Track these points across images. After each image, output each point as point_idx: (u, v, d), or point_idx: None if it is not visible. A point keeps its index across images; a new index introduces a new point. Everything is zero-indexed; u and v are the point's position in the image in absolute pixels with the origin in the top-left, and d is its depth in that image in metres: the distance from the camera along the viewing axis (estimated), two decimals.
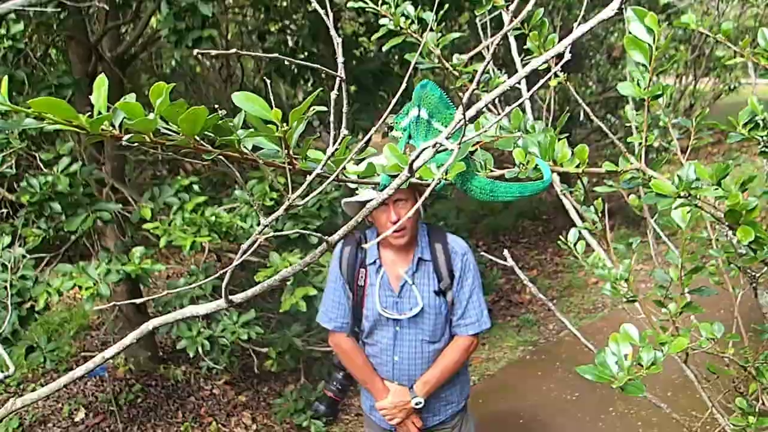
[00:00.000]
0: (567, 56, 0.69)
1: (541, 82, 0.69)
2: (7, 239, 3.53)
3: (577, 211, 1.54)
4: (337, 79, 0.81)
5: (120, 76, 4.38)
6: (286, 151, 0.82)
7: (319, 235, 0.84)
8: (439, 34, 1.23)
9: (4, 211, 3.90)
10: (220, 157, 0.82)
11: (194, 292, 3.77)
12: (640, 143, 0.93)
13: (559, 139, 0.95)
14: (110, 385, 5.04)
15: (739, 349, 1.22)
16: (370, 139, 1.07)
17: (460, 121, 0.70)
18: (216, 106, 0.88)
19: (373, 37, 1.27)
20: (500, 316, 5.91)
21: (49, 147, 3.46)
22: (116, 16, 3.86)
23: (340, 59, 0.80)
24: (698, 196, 0.79)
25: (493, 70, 1.26)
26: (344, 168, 0.83)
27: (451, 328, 2.44)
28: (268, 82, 1.00)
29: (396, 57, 4.43)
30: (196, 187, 3.82)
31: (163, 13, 3.03)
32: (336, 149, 0.79)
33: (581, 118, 6.34)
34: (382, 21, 1.25)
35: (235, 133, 0.79)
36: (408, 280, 2.36)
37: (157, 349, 5.39)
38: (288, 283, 3.53)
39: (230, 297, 0.80)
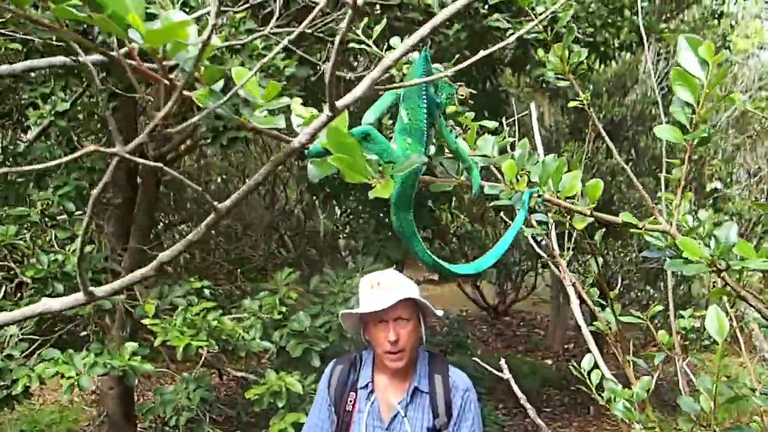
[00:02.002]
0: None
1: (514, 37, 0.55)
2: None
3: (591, 310, 1.32)
4: None
5: (158, 178, 4.45)
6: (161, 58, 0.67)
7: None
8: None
9: (12, 286, 3.81)
10: None
11: (181, 401, 3.50)
12: (672, 201, 0.76)
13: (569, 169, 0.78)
14: None
15: None
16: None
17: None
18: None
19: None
20: None
21: (67, 226, 3.42)
22: (167, 115, 3.97)
23: None
24: (740, 270, 0.60)
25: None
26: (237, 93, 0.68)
27: None
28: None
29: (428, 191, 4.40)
30: (207, 291, 3.69)
31: (204, 119, 3.08)
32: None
33: (619, 287, 6.08)
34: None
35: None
36: (401, 412, 2.08)
37: None
38: (280, 406, 3.24)
39: (91, 289, 0.62)
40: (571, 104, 1.23)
